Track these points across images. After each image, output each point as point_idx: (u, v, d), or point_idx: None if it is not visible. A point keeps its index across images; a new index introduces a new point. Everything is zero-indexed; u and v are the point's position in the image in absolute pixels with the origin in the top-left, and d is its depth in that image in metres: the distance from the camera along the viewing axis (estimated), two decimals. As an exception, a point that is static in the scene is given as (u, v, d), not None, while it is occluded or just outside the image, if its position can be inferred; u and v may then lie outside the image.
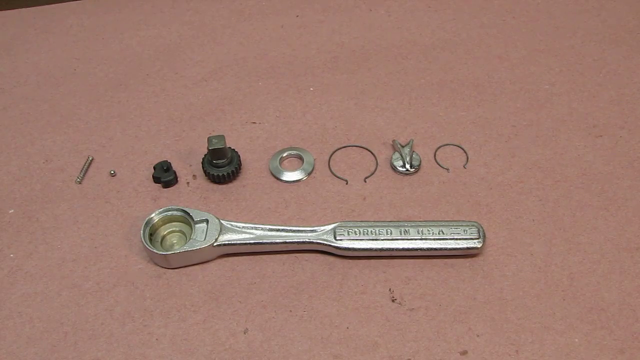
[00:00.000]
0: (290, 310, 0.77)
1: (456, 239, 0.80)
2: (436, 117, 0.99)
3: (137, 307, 0.78)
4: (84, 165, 0.93)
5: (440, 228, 0.81)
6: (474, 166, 0.92)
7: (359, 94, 1.03)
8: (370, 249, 0.80)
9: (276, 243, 0.81)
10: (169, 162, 0.90)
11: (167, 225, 0.84)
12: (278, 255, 0.83)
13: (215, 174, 0.88)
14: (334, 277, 0.80)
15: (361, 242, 0.80)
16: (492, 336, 0.75)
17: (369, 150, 0.95)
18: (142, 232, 0.81)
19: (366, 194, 0.89)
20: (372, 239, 0.81)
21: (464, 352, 0.73)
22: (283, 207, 0.88)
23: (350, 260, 0.82)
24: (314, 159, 0.94)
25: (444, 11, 1.18)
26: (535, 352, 0.73)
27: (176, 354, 0.74)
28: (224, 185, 0.91)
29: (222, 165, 0.89)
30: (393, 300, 0.78)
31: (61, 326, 0.77)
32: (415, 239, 0.80)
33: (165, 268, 0.81)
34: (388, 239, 0.81)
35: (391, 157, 0.93)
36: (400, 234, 0.81)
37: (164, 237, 0.84)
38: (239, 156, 0.91)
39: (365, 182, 0.91)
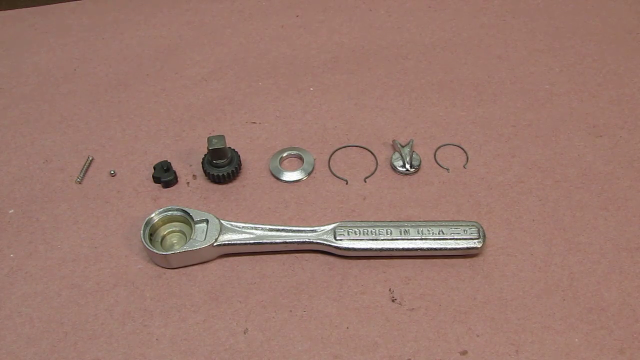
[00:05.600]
0: (290, 310, 0.77)
1: (456, 239, 0.80)
2: (436, 117, 0.99)
3: (137, 307, 0.78)
4: (84, 165, 0.93)
5: (440, 228, 0.81)
6: (474, 166, 0.92)
7: (359, 94, 1.03)
8: (370, 249, 0.80)
9: (276, 243, 0.81)
10: (169, 162, 0.90)
11: (167, 225, 0.84)
12: (278, 255, 0.83)
13: (215, 174, 0.88)
14: (334, 277, 0.80)
15: (361, 242, 0.80)
16: (492, 336, 0.75)
17: (369, 150, 0.95)
18: (142, 232, 0.81)
19: (366, 194, 0.89)
20: (372, 239, 0.81)
21: (464, 352, 0.73)
22: (283, 207, 0.88)
23: (350, 260, 0.82)
24: (314, 159, 0.94)
25: (444, 11, 1.18)
26: (535, 352, 0.73)
27: (176, 354, 0.74)
28: (224, 185, 0.91)
29: (222, 165, 0.89)
30: (393, 300, 0.78)
31: (61, 326, 0.77)
32: (415, 239, 0.80)
33: (165, 268, 0.81)
34: (388, 239, 0.80)
35: (391, 157, 0.93)
36: (400, 234, 0.81)
37: (164, 237, 0.84)
38: (239, 156, 0.91)
39: (365, 182, 0.91)
